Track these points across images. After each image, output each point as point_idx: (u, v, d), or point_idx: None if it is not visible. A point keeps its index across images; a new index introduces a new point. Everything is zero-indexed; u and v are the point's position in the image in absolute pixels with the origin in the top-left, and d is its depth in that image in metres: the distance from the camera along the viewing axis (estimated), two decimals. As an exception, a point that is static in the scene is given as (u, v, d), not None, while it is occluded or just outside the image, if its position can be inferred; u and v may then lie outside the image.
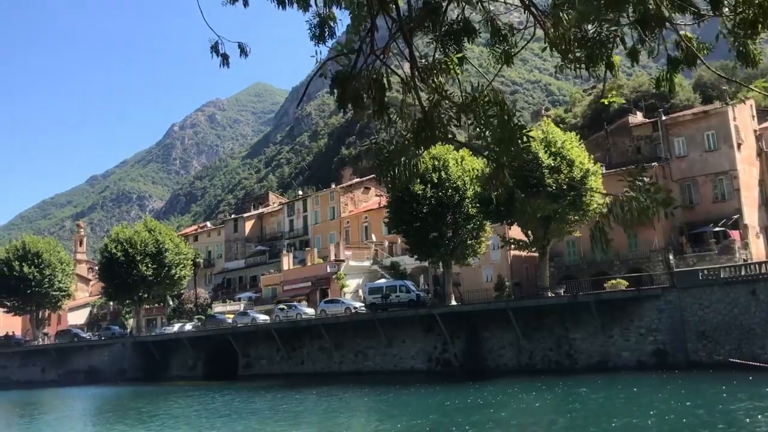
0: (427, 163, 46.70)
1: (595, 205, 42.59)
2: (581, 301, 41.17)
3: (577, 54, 5.67)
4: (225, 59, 6.76)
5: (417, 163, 6.33)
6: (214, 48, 6.71)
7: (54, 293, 74.38)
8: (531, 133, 5.87)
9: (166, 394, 46.59)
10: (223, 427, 27.70)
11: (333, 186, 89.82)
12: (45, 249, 74.76)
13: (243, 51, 6.74)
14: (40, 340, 77.44)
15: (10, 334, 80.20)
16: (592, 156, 45.70)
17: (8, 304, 75.43)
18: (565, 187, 40.29)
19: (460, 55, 6.21)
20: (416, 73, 6.04)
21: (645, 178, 5.91)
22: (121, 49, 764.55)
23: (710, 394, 27.45)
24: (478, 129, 5.92)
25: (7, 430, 33.04)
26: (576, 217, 42.47)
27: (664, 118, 55.61)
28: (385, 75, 5.95)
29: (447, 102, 6.05)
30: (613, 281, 43.34)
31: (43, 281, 72.47)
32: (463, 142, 6.86)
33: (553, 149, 42.18)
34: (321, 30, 6.13)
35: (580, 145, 44.64)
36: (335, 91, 5.87)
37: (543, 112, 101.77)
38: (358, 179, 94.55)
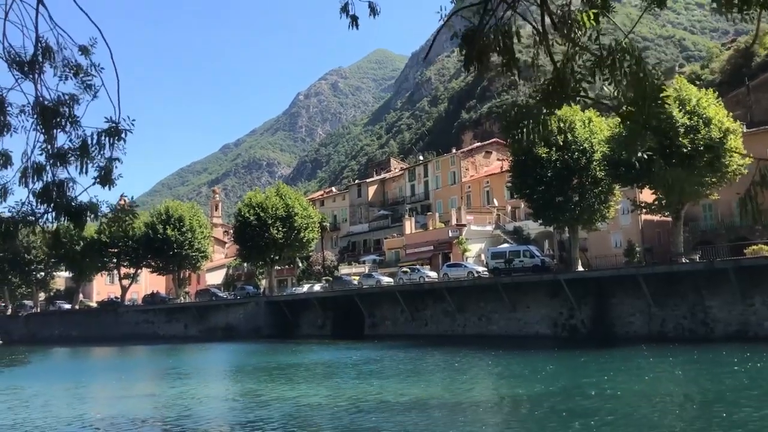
0: (553, 125, 45.43)
1: (735, 167, 40.06)
2: (718, 267, 38.94)
3: None
4: (354, 20, 6.57)
5: (548, 122, 6.14)
6: (344, 9, 6.51)
7: (194, 254, 79.26)
8: (666, 93, 5.59)
9: (306, 351, 48.17)
10: (363, 383, 28.59)
11: (454, 151, 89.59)
12: (187, 214, 79.86)
13: (373, 10, 6.54)
14: (182, 298, 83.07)
15: (156, 292, 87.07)
16: (731, 114, 42.70)
17: (153, 264, 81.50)
18: (701, 147, 38.10)
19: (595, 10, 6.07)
20: (551, 23, 5.84)
21: None
22: (248, 22, 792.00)
23: None
24: (613, 85, 5.72)
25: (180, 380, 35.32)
26: (713, 180, 40.05)
27: (816, 70, 51.08)
28: (514, 26, 5.72)
29: (581, 57, 5.86)
30: (755, 247, 40.76)
31: (184, 243, 77.37)
32: (600, 101, 6.51)
33: (688, 108, 39.72)
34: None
35: (717, 102, 41.75)
36: (463, 49, 5.69)
37: (677, 69, 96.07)
38: (479, 143, 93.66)
